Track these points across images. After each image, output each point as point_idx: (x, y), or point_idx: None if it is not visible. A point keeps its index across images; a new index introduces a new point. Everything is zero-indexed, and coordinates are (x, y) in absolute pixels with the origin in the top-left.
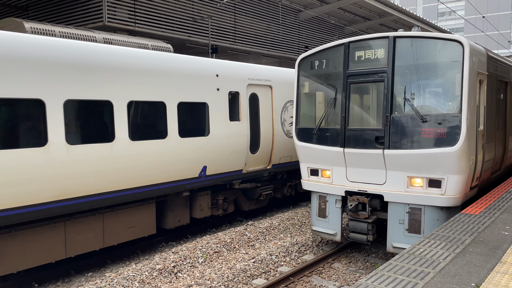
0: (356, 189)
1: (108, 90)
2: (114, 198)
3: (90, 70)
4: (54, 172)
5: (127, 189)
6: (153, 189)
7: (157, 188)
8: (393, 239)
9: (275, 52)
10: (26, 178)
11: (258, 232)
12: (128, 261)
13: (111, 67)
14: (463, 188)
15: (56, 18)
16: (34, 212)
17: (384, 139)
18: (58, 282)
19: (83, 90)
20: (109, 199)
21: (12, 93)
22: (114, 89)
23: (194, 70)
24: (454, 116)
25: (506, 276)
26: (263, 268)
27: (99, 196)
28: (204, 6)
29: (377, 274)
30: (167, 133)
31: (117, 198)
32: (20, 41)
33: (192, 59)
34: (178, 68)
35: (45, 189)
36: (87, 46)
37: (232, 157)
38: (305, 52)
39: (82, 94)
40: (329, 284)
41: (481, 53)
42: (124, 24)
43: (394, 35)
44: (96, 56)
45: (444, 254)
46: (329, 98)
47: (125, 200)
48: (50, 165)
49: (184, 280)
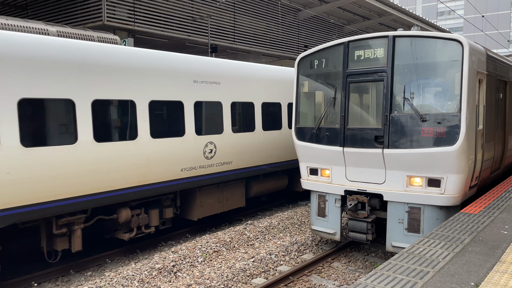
0: (356, 189)
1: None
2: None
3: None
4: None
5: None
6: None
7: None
8: (393, 239)
9: (274, 51)
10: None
11: (258, 231)
12: (128, 261)
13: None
14: (462, 188)
15: (55, 17)
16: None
17: (383, 138)
18: (58, 281)
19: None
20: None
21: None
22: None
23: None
24: (453, 116)
25: (505, 275)
26: (263, 267)
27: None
28: (204, 5)
29: (377, 274)
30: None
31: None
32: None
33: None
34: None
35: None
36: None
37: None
38: (305, 52)
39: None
40: (329, 283)
41: (480, 52)
42: (124, 23)
43: (394, 35)
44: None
45: (444, 254)
46: (329, 97)
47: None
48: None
49: (183, 280)
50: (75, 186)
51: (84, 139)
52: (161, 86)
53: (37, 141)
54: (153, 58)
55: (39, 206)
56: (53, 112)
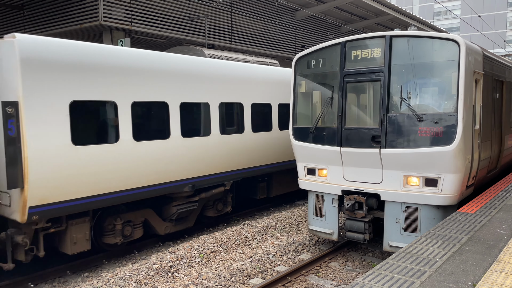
0: (353, 188)
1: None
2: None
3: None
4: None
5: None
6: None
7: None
8: (390, 238)
9: (271, 51)
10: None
11: (255, 232)
12: (125, 261)
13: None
14: (459, 187)
15: (51, 17)
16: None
17: (380, 138)
18: (54, 282)
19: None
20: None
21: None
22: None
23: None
24: (450, 115)
25: (502, 274)
26: (260, 267)
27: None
28: (201, 5)
29: (374, 273)
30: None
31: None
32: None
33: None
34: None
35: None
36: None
37: None
38: (302, 52)
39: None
40: (326, 283)
41: (477, 52)
42: (121, 23)
43: (391, 35)
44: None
45: (441, 253)
46: (326, 97)
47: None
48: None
49: (181, 280)
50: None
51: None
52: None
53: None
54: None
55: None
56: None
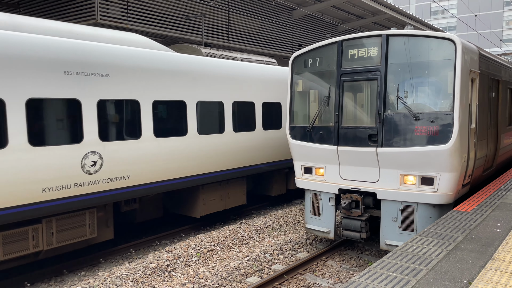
0: (350, 187)
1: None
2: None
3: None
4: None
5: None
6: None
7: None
8: (386, 237)
9: (268, 50)
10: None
11: (252, 230)
12: (121, 260)
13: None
14: (455, 186)
15: (47, 15)
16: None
17: (377, 137)
18: (51, 281)
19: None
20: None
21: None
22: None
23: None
24: (446, 114)
25: (497, 272)
26: (257, 266)
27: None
28: (198, 3)
29: (370, 272)
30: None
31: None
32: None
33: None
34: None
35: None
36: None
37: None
38: (299, 50)
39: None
40: (323, 281)
41: (473, 51)
42: (117, 21)
43: (387, 34)
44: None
45: (437, 251)
46: (323, 96)
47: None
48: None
49: (177, 279)
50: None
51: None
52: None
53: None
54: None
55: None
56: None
